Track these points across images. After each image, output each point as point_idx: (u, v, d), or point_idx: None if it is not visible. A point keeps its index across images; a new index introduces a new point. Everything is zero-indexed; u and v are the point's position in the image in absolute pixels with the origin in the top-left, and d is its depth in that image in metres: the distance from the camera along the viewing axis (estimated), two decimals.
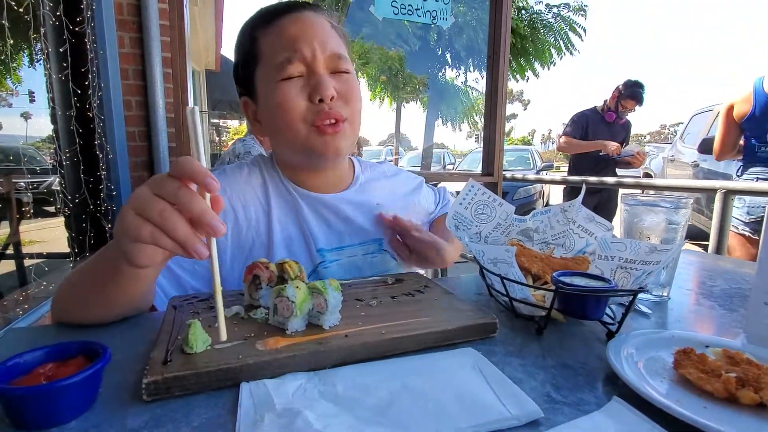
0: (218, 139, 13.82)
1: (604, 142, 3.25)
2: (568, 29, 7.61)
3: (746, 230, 2.05)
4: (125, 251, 0.44)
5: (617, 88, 3.28)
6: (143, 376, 0.39)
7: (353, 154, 0.94)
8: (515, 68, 7.74)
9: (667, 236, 0.68)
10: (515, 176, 4.41)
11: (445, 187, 1.08)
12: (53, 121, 1.96)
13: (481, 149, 2.55)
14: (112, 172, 2.18)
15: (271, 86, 0.72)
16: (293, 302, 0.48)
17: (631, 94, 3.21)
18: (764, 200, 1.98)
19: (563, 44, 7.66)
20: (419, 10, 2.07)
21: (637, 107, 3.27)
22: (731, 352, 0.44)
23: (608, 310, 0.58)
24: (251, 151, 2.06)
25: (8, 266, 2.38)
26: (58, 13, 1.81)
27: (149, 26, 2.24)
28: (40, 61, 1.95)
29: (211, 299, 0.61)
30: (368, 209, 0.86)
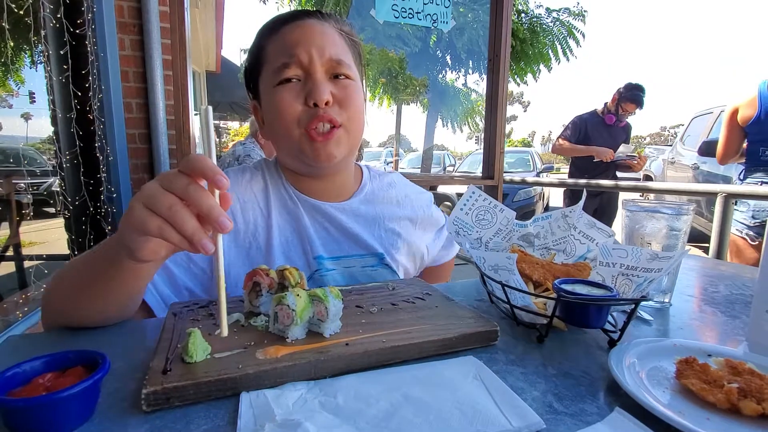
0: (218, 140, 13.83)
1: (597, 148, 3.25)
2: (567, 34, 7.61)
3: (750, 234, 2.04)
4: (129, 244, 0.44)
5: (617, 91, 3.28)
6: (143, 386, 0.39)
7: (357, 159, 0.93)
8: (515, 71, 7.74)
9: (668, 243, 0.67)
10: (514, 179, 4.42)
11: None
12: (53, 123, 1.97)
13: (481, 151, 2.55)
14: (112, 174, 2.18)
15: (270, 90, 0.73)
16: (294, 310, 0.48)
17: (631, 97, 3.21)
18: None
19: (561, 49, 7.67)
20: (420, 13, 2.07)
21: (637, 110, 3.27)
22: (734, 362, 0.44)
23: (610, 317, 0.57)
24: (251, 154, 2.07)
25: (8, 268, 2.38)
26: (58, 15, 1.81)
27: (150, 29, 2.25)
28: (40, 63, 1.95)
29: (211, 306, 0.61)
30: (371, 221, 0.84)
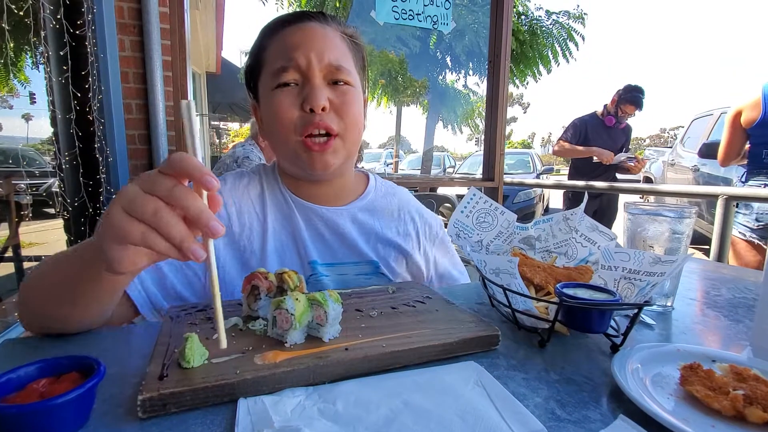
0: (218, 141, 13.81)
1: (598, 149, 3.24)
2: (566, 36, 7.60)
3: (754, 237, 2.03)
4: (107, 256, 0.40)
5: (617, 92, 3.28)
6: (139, 392, 0.38)
7: (358, 160, 0.93)
8: (515, 73, 7.73)
9: (671, 246, 0.67)
10: (516, 181, 4.41)
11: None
12: (53, 124, 1.96)
13: (481, 152, 2.55)
14: (111, 175, 2.17)
15: (268, 92, 0.72)
16: (292, 315, 0.47)
17: (630, 98, 3.21)
18: None
19: (561, 51, 7.65)
20: (420, 15, 2.07)
21: (636, 112, 3.27)
22: (738, 367, 0.43)
23: (612, 321, 0.57)
24: (249, 156, 2.06)
25: (7, 269, 2.38)
26: (58, 16, 1.81)
27: (150, 30, 2.24)
28: (41, 63, 1.95)
29: (208, 309, 0.60)
30: (369, 230, 0.83)
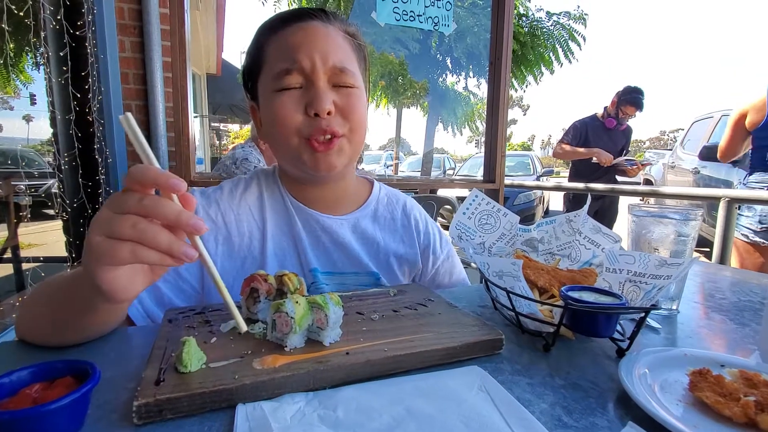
0: (218, 142, 13.80)
1: (598, 151, 3.24)
2: (567, 37, 7.60)
3: (757, 239, 2.02)
4: (103, 288, 0.40)
5: (617, 94, 3.28)
6: (134, 397, 0.37)
7: (358, 162, 0.91)
8: (515, 75, 7.72)
9: (676, 248, 0.66)
10: (516, 183, 4.41)
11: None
12: (53, 124, 1.96)
13: (482, 154, 2.54)
14: (111, 176, 2.17)
15: (269, 96, 0.70)
16: (292, 318, 0.46)
17: (630, 100, 3.21)
18: None
19: (562, 52, 7.65)
20: (421, 16, 2.06)
21: (637, 113, 3.27)
22: (749, 373, 0.42)
23: (618, 325, 0.56)
24: (249, 157, 2.05)
25: (6, 270, 2.37)
26: (58, 17, 1.80)
27: (150, 31, 2.24)
28: (41, 64, 1.95)
29: (207, 312, 0.59)
30: (370, 241, 0.81)
